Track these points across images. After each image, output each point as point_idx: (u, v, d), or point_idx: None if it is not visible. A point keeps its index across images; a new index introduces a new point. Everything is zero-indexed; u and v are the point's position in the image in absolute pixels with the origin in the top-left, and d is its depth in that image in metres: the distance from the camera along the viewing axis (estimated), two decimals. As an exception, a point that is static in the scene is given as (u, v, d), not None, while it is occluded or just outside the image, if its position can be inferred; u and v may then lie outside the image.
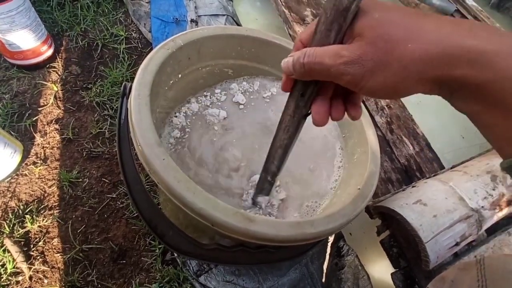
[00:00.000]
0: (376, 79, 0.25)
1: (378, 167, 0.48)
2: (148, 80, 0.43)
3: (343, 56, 0.25)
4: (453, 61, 0.22)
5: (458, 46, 0.22)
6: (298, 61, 0.28)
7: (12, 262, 0.62)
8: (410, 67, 0.24)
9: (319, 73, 0.28)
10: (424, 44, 0.23)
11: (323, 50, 0.27)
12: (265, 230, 0.36)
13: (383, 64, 0.24)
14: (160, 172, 0.36)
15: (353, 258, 0.68)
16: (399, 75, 0.24)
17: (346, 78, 0.26)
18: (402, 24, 0.24)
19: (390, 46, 0.24)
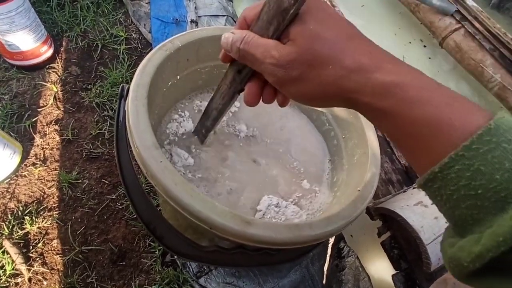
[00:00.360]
0: (297, 88, 0.27)
1: (378, 169, 0.47)
2: (146, 82, 0.43)
3: (273, 57, 0.27)
4: (361, 89, 0.25)
5: (365, 77, 0.25)
6: (235, 44, 0.29)
7: (11, 263, 0.62)
8: (327, 86, 0.26)
9: (251, 63, 0.29)
10: (340, 70, 0.25)
11: (258, 42, 0.28)
12: (263, 233, 0.36)
13: (305, 77, 0.26)
14: (157, 175, 0.36)
15: (354, 260, 0.67)
16: (318, 90, 0.27)
17: (272, 79, 0.28)
18: (330, 43, 0.26)
19: (314, 62, 0.26)
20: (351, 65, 0.25)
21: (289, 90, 0.28)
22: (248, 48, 0.28)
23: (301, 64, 0.26)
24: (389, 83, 0.24)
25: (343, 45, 0.26)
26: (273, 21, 0.27)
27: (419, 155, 0.24)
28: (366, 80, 0.24)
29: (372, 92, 0.24)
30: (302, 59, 0.26)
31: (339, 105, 0.28)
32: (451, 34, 0.98)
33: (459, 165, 0.20)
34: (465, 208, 0.20)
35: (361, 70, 0.25)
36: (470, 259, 0.19)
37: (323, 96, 0.27)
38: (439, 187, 0.22)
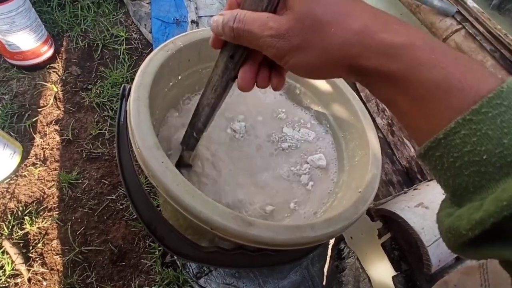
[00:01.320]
0: (299, 57, 0.26)
1: (379, 170, 0.47)
2: (147, 82, 0.43)
3: (271, 28, 0.25)
4: (366, 52, 0.23)
5: (372, 38, 0.23)
6: (228, 24, 0.28)
7: (11, 264, 0.61)
8: (329, 51, 0.24)
9: (247, 40, 0.28)
10: (344, 32, 0.24)
11: (253, 17, 0.26)
12: (264, 233, 0.35)
13: (307, 44, 0.25)
14: (159, 175, 0.36)
15: (354, 261, 0.67)
16: (321, 56, 0.25)
17: (271, 51, 0.26)
18: (331, 6, 0.24)
19: (315, 26, 0.24)
20: (355, 27, 0.23)
21: (290, 61, 0.26)
22: (242, 25, 0.27)
23: (301, 29, 0.24)
24: (397, 44, 0.22)
25: (346, 6, 0.24)
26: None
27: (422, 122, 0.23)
28: (371, 41, 0.23)
29: (378, 54, 0.23)
30: (302, 25, 0.24)
31: (342, 75, 0.26)
32: (451, 35, 0.98)
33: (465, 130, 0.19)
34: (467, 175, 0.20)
35: (366, 31, 0.23)
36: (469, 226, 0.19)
37: (326, 64, 0.25)
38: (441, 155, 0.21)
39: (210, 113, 0.39)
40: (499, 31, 0.92)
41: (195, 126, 0.42)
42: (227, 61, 0.32)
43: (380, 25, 0.23)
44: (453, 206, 0.22)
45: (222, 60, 0.32)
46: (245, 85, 0.31)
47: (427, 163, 0.23)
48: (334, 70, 0.26)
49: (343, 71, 0.25)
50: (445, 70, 0.21)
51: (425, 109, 0.22)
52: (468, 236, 0.19)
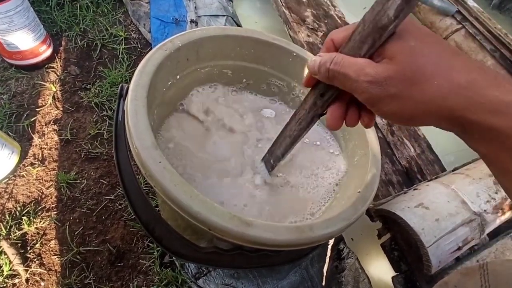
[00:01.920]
0: (394, 106, 0.26)
1: (379, 170, 0.47)
2: (145, 82, 0.43)
3: (368, 74, 0.26)
4: (474, 106, 0.23)
5: (481, 94, 0.23)
6: (325, 65, 0.29)
7: (8, 264, 0.61)
8: (431, 102, 0.24)
9: (341, 82, 0.28)
10: (449, 84, 0.24)
11: (350, 61, 0.27)
12: (263, 234, 0.35)
13: (405, 94, 0.25)
14: (156, 175, 0.35)
15: (354, 261, 0.67)
16: (418, 107, 0.25)
17: (365, 96, 0.27)
18: (434, 59, 0.24)
19: (417, 77, 0.24)
20: (461, 81, 0.23)
21: (383, 109, 0.27)
22: (339, 68, 0.28)
23: (401, 80, 0.25)
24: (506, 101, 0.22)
25: (450, 61, 0.24)
26: (367, 39, 0.26)
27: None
28: (480, 96, 0.23)
29: (487, 110, 0.23)
30: (402, 76, 0.25)
31: (439, 125, 0.26)
32: (451, 34, 0.98)
33: None
34: None
35: (475, 86, 0.23)
36: None
37: (423, 114, 0.25)
38: None
39: (290, 144, 0.41)
40: (499, 30, 0.91)
41: (273, 154, 0.44)
42: (316, 98, 0.33)
43: (489, 81, 0.23)
44: None
45: (312, 97, 0.34)
46: (333, 123, 0.32)
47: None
48: (430, 120, 0.26)
49: (441, 121, 0.25)
50: None
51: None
52: None
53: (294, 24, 0.93)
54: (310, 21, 0.97)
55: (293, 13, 0.96)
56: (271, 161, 0.45)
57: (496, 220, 0.58)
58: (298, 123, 0.37)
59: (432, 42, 0.25)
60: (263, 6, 1.14)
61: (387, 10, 0.25)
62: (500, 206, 0.58)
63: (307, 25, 0.95)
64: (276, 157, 0.44)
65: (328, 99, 0.32)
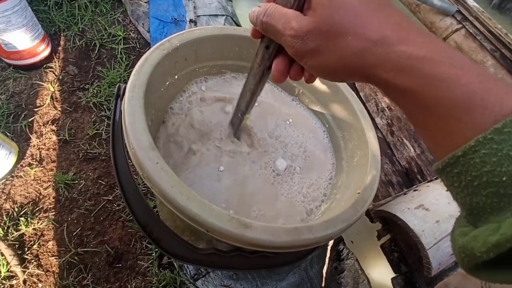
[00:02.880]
0: (316, 60, 0.26)
1: (378, 171, 0.46)
2: (142, 82, 0.42)
3: (292, 28, 0.26)
4: (383, 64, 0.23)
5: (390, 50, 0.23)
6: (259, 17, 0.29)
7: (6, 265, 0.61)
8: (346, 59, 0.24)
9: (273, 35, 0.29)
10: (361, 41, 0.23)
11: (280, 13, 0.27)
12: (262, 236, 0.35)
13: (323, 48, 0.25)
14: (153, 177, 0.35)
15: (353, 262, 0.66)
16: (336, 63, 0.25)
17: (291, 51, 0.27)
18: (351, 12, 0.24)
19: (333, 32, 0.24)
20: (373, 36, 0.23)
21: (307, 63, 0.27)
22: (270, 20, 0.28)
23: (318, 35, 0.25)
24: (415, 57, 0.22)
25: (368, 14, 0.24)
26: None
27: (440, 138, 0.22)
28: (389, 53, 0.23)
29: (395, 67, 0.22)
30: (320, 30, 0.24)
31: (361, 80, 0.26)
32: (452, 34, 0.98)
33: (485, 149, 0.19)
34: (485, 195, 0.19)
35: (385, 43, 0.23)
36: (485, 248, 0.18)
37: (343, 70, 0.25)
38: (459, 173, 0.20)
39: (251, 98, 0.42)
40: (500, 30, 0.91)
41: (239, 108, 0.46)
42: (263, 51, 0.34)
43: (401, 37, 0.23)
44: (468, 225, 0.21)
45: (260, 50, 0.34)
46: (278, 76, 0.32)
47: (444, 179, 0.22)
48: (353, 76, 0.26)
49: (360, 78, 0.25)
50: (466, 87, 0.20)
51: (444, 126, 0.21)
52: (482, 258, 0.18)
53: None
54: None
55: (293, 13, 0.96)
56: (239, 114, 0.47)
57: (496, 221, 0.58)
58: (254, 77, 0.38)
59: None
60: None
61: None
62: (501, 207, 0.58)
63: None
64: (242, 111, 0.46)
65: (272, 51, 0.33)
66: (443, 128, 0.21)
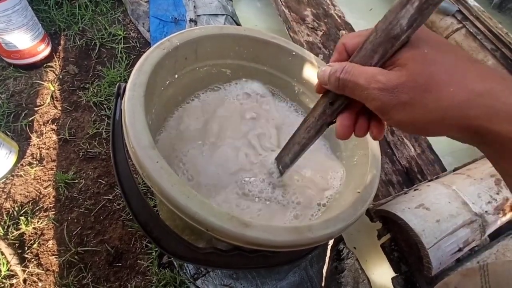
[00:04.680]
0: (406, 114, 0.25)
1: (378, 170, 0.46)
2: (142, 81, 0.42)
3: (379, 82, 0.25)
4: (494, 115, 0.22)
5: (501, 102, 0.22)
6: (335, 74, 0.28)
7: (6, 264, 0.61)
8: (446, 111, 0.23)
9: (351, 91, 0.28)
10: (465, 92, 0.23)
11: (361, 70, 0.27)
12: (261, 235, 0.35)
13: (418, 102, 0.24)
14: (153, 175, 0.35)
15: (353, 262, 0.66)
16: (432, 116, 0.24)
17: (375, 104, 0.26)
18: (448, 66, 0.23)
19: (430, 85, 0.23)
20: (478, 88, 0.22)
21: (394, 117, 0.26)
22: (349, 76, 0.27)
23: (413, 87, 0.24)
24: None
25: (465, 68, 0.23)
26: (379, 49, 0.26)
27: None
28: (498, 104, 0.22)
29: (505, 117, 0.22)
30: (414, 83, 0.24)
31: (455, 135, 0.25)
32: (452, 34, 0.97)
33: None
34: None
35: (492, 94, 0.22)
36: None
37: (437, 124, 0.24)
38: None
39: (299, 151, 0.40)
40: (500, 30, 0.91)
41: (282, 160, 0.44)
42: (325, 106, 0.33)
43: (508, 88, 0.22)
44: None
45: (321, 105, 0.33)
46: (342, 133, 0.31)
47: None
48: (444, 130, 0.25)
49: (457, 131, 0.24)
50: None
51: None
52: None
53: (294, 24, 0.93)
54: (310, 20, 0.96)
55: (293, 12, 0.96)
56: (280, 167, 0.45)
57: (497, 221, 0.58)
58: (307, 131, 0.37)
59: (447, 50, 0.25)
60: (263, 6, 1.13)
61: (400, 20, 0.24)
62: (501, 207, 0.58)
63: (307, 24, 0.95)
64: (285, 164, 0.44)
65: (337, 108, 0.32)
66: None
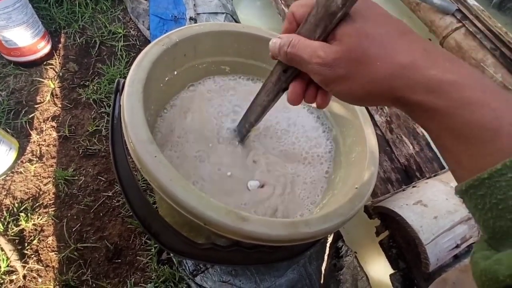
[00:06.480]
0: (344, 87, 0.27)
1: (376, 166, 0.47)
2: (141, 77, 0.42)
3: (319, 57, 0.27)
4: (413, 86, 0.24)
5: (420, 74, 0.24)
6: (283, 48, 0.30)
7: (6, 260, 0.61)
8: (374, 84, 0.25)
9: (298, 64, 0.30)
10: (390, 65, 0.24)
11: (305, 44, 0.28)
12: (259, 229, 0.35)
13: (353, 75, 0.26)
14: (152, 170, 0.35)
15: (352, 259, 0.66)
16: (364, 88, 0.26)
17: (318, 78, 0.28)
18: (380, 40, 0.25)
19: (362, 59, 0.25)
20: (403, 61, 0.24)
21: (335, 89, 0.28)
22: (295, 51, 0.29)
23: (348, 61, 0.26)
24: (446, 81, 0.23)
25: (394, 41, 0.25)
26: (320, 23, 0.27)
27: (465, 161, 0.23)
28: (420, 76, 0.24)
29: (425, 89, 0.23)
30: (349, 57, 0.26)
31: (387, 104, 0.27)
32: (451, 33, 0.98)
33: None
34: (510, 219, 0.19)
35: (415, 67, 0.24)
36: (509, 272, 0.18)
37: (370, 94, 0.26)
38: (484, 195, 0.21)
39: (261, 112, 0.43)
40: (500, 29, 0.91)
41: (247, 120, 0.47)
42: (280, 74, 0.35)
43: (430, 61, 0.24)
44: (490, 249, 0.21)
45: (277, 72, 0.36)
46: (293, 99, 0.34)
47: (467, 201, 0.22)
48: (378, 100, 0.27)
49: (387, 101, 0.27)
50: (495, 112, 0.21)
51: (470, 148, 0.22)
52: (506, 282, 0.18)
53: (294, 22, 0.93)
54: (310, 19, 0.96)
55: (293, 11, 0.96)
56: (246, 125, 0.48)
57: (494, 218, 0.58)
58: (267, 94, 0.40)
59: (380, 22, 0.26)
60: (263, 5, 1.13)
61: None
62: (499, 203, 0.58)
63: (307, 23, 0.95)
64: (250, 123, 0.47)
65: (290, 76, 0.34)
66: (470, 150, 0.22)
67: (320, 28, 0.28)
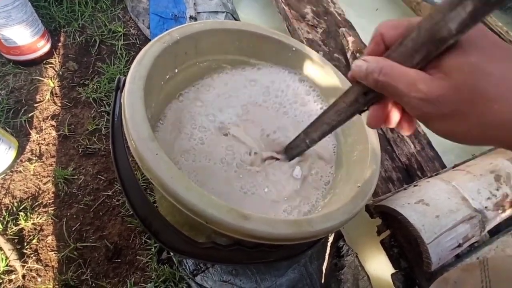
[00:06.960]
0: (446, 126, 0.24)
1: (378, 165, 0.46)
2: (142, 74, 0.42)
3: (419, 91, 0.24)
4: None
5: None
6: (373, 75, 0.26)
7: (5, 260, 0.60)
8: (487, 127, 0.23)
9: (391, 94, 0.27)
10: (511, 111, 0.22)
11: (401, 72, 0.25)
12: (260, 227, 0.35)
13: (460, 115, 0.23)
14: (153, 167, 0.35)
15: (353, 259, 0.66)
16: (473, 130, 0.23)
17: (415, 112, 0.25)
18: (497, 79, 0.22)
19: (474, 99, 0.22)
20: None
21: (434, 126, 0.25)
22: (388, 80, 0.25)
23: (457, 101, 0.23)
24: None
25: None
26: (421, 49, 0.24)
27: None
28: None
29: None
30: (459, 95, 0.23)
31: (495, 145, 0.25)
32: (452, 32, 0.97)
33: None
34: None
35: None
36: None
37: (478, 137, 0.23)
38: None
39: (328, 131, 0.41)
40: (500, 28, 0.91)
41: (309, 136, 0.44)
42: (359, 95, 0.32)
43: None
44: None
45: (354, 92, 0.32)
46: (374, 123, 0.31)
47: None
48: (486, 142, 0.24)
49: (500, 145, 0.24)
50: None
51: None
52: None
53: (294, 21, 0.93)
54: (310, 18, 0.96)
55: (293, 10, 0.96)
56: (307, 141, 0.45)
57: (496, 217, 0.58)
58: (337, 114, 0.36)
59: (500, 58, 0.23)
60: (263, 5, 1.13)
61: (449, 22, 0.22)
62: (501, 203, 0.58)
63: (307, 22, 0.95)
64: (312, 139, 0.44)
65: (371, 99, 0.31)
66: None
67: (419, 54, 0.24)
